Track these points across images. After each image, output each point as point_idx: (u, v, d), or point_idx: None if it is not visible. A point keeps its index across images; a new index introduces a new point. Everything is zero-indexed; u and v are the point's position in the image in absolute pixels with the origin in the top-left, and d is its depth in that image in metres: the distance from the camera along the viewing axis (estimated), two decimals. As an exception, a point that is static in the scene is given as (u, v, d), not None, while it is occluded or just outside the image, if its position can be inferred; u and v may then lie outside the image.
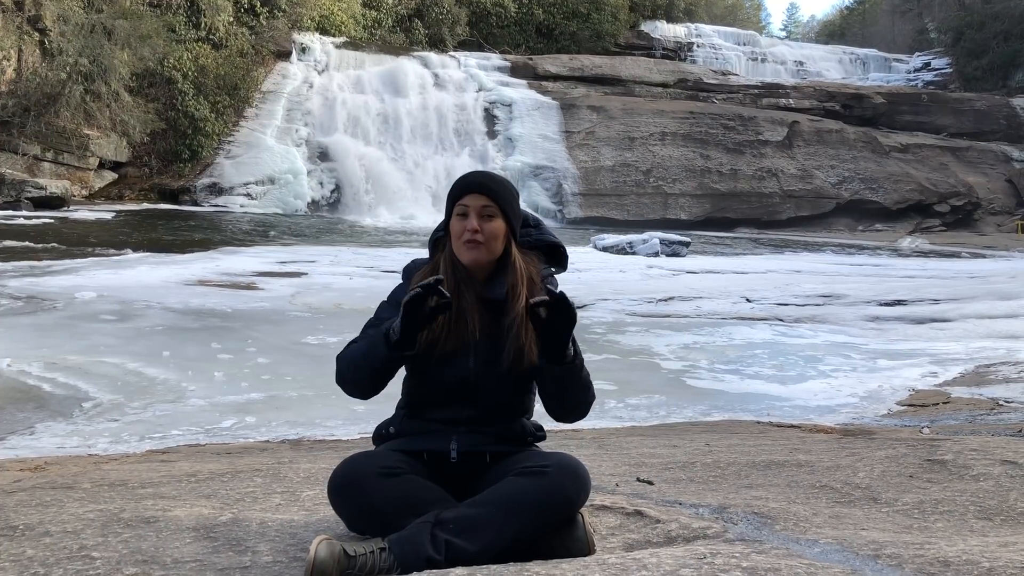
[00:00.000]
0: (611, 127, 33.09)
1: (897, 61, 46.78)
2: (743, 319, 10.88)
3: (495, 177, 2.24)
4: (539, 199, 30.50)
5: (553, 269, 2.28)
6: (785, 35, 72.68)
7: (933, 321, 10.80)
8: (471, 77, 34.14)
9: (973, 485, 2.75)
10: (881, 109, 38.95)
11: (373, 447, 2.26)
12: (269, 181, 29.38)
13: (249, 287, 12.19)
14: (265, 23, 32.36)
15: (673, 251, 20.86)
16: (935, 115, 39.75)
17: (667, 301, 12.46)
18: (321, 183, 30.00)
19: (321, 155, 30.29)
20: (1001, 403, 6.02)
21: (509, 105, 32.99)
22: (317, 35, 33.80)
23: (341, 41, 34.21)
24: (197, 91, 29.15)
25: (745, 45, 44.21)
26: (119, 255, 15.52)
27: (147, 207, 27.05)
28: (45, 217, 21.60)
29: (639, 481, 2.90)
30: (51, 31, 26.86)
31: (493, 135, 32.40)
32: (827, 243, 28.52)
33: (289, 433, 5.06)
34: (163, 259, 15.10)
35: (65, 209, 23.59)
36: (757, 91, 38.30)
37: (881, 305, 12.28)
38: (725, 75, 39.62)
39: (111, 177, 28.26)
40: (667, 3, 44.86)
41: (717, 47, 42.91)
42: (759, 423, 5.17)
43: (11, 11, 26.33)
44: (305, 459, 3.44)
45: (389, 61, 33.84)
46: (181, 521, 2.20)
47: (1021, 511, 2.45)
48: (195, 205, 28.22)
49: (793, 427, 4.87)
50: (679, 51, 42.23)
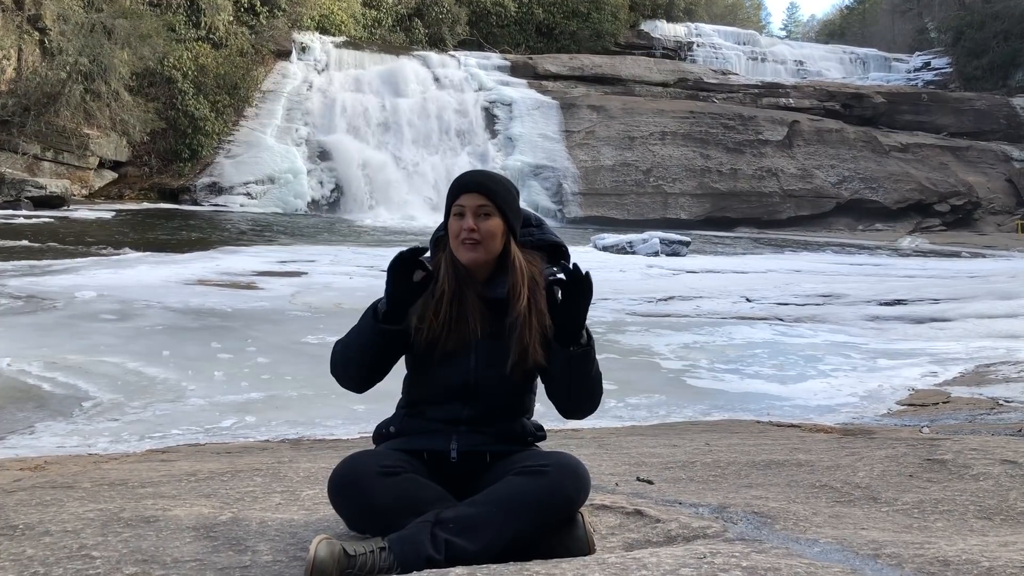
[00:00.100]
0: (611, 126, 33.08)
1: (897, 61, 46.79)
2: (743, 319, 10.88)
3: (492, 176, 2.22)
4: (539, 199, 30.49)
5: (555, 269, 2.27)
6: (785, 34, 72.77)
7: (933, 321, 10.80)
8: (471, 76, 34.14)
9: (973, 485, 2.75)
10: (881, 109, 38.95)
11: (373, 446, 2.25)
12: (269, 180, 29.39)
13: (249, 286, 12.19)
14: (265, 22, 32.37)
15: (673, 251, 20.86)
16: (935, 115, 39.75)
17: (667, 301, 12.47)
18: (321, 182, 30.00)
19: (321, 154, 30.30)
20: (1001, 403, 6.02)
21: (509, 104, 32.99)
22: (317, 34, 33.80)
23: (341, 40, 34.21)
24: (197, 90, 29.15)
25: (745, 44, 44.21)
26: (119, 254, 15.52)
27: (147, 206, 27.06)
28: (45, 216, 21.61)
29: (639, 480, 2.90)
30: (51, 30, 26.85)
31: (493, 134, 32.39)
32: (827, 243, 28.52)
33: (289, 432, 5.06)
34: (163, 258, 15.10)
35: (65, 208, 23.61)
36: (757, 91, 38.30)
37: (881, 305, 12.28)
38: (725, 75, 39.63)
39: (111, 176, 28.27)
40: (667, 2, 44.87)
41: (717, 46, 42.91)
42: (759, 423, 5.17)
43: (11, 10, 26.33)
44: (305, 458, 3.43)
45: (389, 61, 33.85)
46: (181, 520, 2.20)
47: (1021, 511, 2.45)
48: (195, 204, 28.23)
49: (793, 427, 4.87)
50: (679, 50, 42.25)
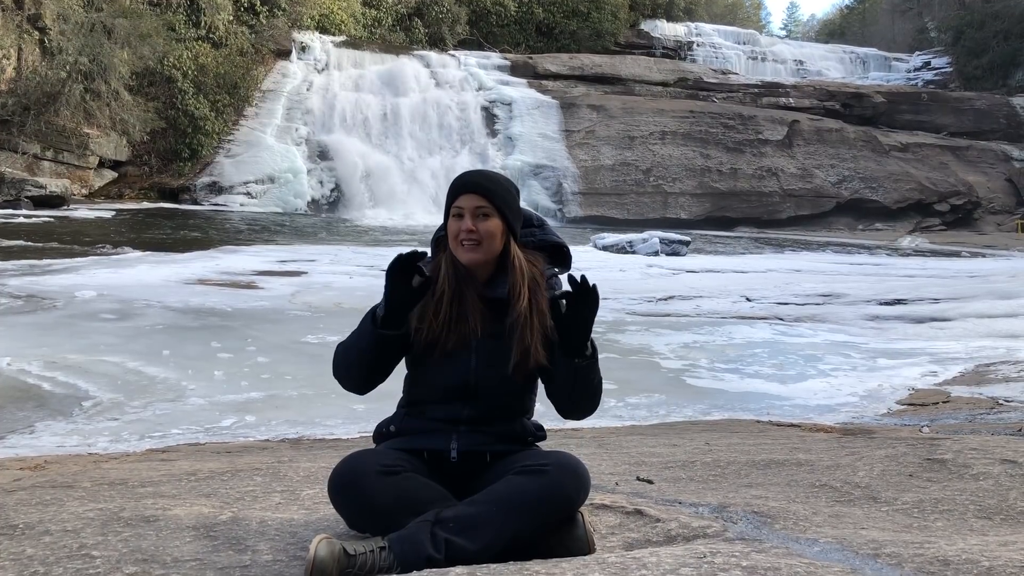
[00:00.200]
0: (611, 126, 33.08)
1: (897, 60, 46.79)
2: (743, 318, 10.88)
3: (491, 176, 2.22)
4: (539, 198, 30.49)
5: (557, 269, 2.26)
6: (785, 34, 72.76)
7: (933, 320, 10.81)
8: (471, 76, 34.13)
9: (973, 484, 2.75)
10: (881, 108, 38.95)
11: (373, 446, 2.25)
12: (269, 180, 29.39)
13: (249, 286, 12.19)
14: (265, 22, 32.36)
15: (673, 250, 20.86)
16: (935, 114, 39.76)
17: (667, 300, 12.47)
18: (321, 182, 30.00)
19: (321, 154, 30.30)
20: (1001, 402, 6.02)
21: (509, 104, 32.99)
22: (317, 34, 33.81)
23: (341, 40, 34.21)
24: (197, 90, 29.15)
25: (745, 44, 44.21)
26: (119, 254, 15.52)
27: (147, 206, 27.05)
28: (45, 216, 21.62)
29: (639, 480, 2.90)
30: (51, 30, 26.84)
31: (493, 134, 32.39)
32: (827, 242, 28.52)
33: (289, 432, 5.06)
34: (163, 258, 15.10)
35: (65, 208, 23.62)
36: (757, 90, 38.30)
37: (881, 304, 12.28)
38: (725, 74, 39.64)
39: (111, 176, 28.26)
40: (667, 2, 44.87)
41: (717, 46, 42.91)
42: (759, 422, 5.17)
43: (11, 10, 26.32)
44: (305, 458, 3.43)
45: (389, 60, 33.85)
46: (181, 520, 2.20)
47: (1021, 510, 2.45)
48: (195, 204, 28.23)
49: (793, 426, 4.87)
50: (679, 50, 42.25)
